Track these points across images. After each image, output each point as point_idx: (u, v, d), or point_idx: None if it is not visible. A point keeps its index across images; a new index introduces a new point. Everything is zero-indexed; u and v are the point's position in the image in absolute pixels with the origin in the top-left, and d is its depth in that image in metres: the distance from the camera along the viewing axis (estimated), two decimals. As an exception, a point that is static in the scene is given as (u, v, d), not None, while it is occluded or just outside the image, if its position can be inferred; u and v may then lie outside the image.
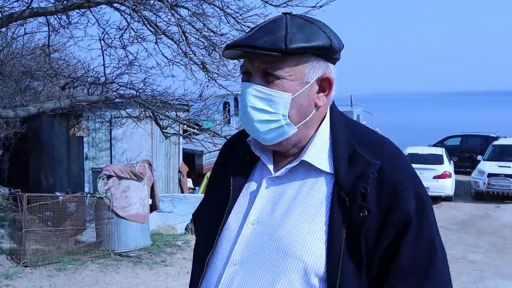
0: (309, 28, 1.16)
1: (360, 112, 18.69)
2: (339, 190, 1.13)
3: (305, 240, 1.14)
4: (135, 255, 7.27)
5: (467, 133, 19.25)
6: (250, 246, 1.19)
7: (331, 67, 1.21)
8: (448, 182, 12.90)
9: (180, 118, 9.95)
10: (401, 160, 1.20)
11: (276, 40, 1.12)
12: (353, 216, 1.11)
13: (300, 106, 1.17)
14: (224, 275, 1.20)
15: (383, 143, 1.22)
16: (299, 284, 1.13)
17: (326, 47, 1.16)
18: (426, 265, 1.11)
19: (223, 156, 1.38)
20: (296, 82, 1.16)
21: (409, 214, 1.11)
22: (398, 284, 1.11)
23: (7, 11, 7.29)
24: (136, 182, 7.43)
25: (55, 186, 11.36)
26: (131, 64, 8.50)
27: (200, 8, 6.91)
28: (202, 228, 1.33)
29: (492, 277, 7.22)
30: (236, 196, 1.25)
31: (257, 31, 1.16)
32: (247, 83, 1.18)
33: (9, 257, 6.91)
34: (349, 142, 1.19)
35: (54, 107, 8.20)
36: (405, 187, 1.13)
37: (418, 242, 1.11)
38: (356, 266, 1.11)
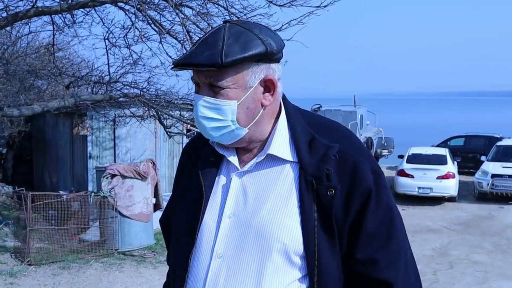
0: (245, 37, 1.23)
1: (364, 112, 18.63)
2: (305, 174, 1.25)
3: (281, 223, 1.24)
4: (138, 254, 7.29)
5: (471, 133, 19.19)
6: (231, 238, 1.27)
7: (274, 67, 1.29)
8: (451, 183, 12.86)
9: (184, 117, 9.96)
10: (355, 141, 1.34)
11: (213, 55, 1.21)
12: (321, 196, 1.24)
13: (247, 109, 1.27)
14: (210, 269, 1.27)
15: (337, 128, 1.35)
16: (283, 265, 1.24)
17: (262, 54, 1.24)
18: (388, 228, 1.28)
19: (187, 157, 1.45)
20: (239, 89, 1.25)
21: (369, 186, 1.26)
22: (367, 248, 1.26)
23: (12, 10, 7.31)
24: (140, 181, 7.45)
25: (59, 185, 11.39)
26: (135, 63, 8.51)
27: (205, 8, 6.92)
28: (178, 230, 1.38)
29: (496, 278, 7.20)
30: (209, 194, 1.32)
31: (198, 46, 1.24)
32: (197, 95, 1.28)
33: (14, 256, 6.94)
34: (306, 130, 1.30)
35: (58, 106, 8.22)
36: (363, 163, 1.27)
37: (379, 209, 1.27)
38: (330, 239, 1.24)
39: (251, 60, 1.24)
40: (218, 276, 1.26)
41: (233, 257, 1.26)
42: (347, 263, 1.28)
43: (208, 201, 1.31)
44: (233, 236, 1.27)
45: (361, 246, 1.26)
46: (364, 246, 1.26)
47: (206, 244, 1.29)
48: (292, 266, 1.25)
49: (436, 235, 9.76)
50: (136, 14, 6.91)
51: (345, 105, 18.61)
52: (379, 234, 1.27)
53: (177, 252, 1.37)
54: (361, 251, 1.26)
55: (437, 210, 12.34)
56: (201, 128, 1.30)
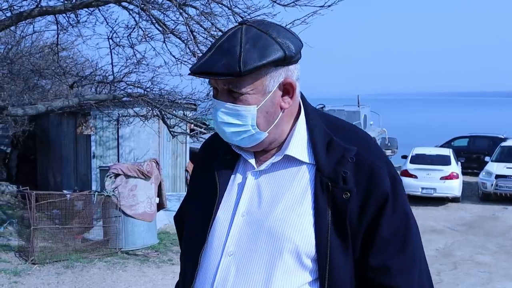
0: (263, 41, 1.21)
1: (367, 112, 18.61)
2: (321, 176, 1.24)
3: (294, 224, 1.23)
4: (142, 253, 7.30)
5: (475, 134, 19.13)
6: (243, 237, 1.26)
7: (293, 68, 1.27)
8: (455, 183, 12.82)
9: (188, 117, 9.97)
10: (372, 144, 1.33)
11: (231, 63, 1.19)
12: (337, 198, 1.23)
13: (267, 113, 1.26)
14: (220, 266, 1.27)
15: (356, 130, 1.36)
16: (293, 266, 1.23)
17: (281, 59, 1.22)
18: (404, 233, 1.25)
19: (204, 156, 1.45)
20: (258, 94, 1.24)
21: (386, 191, 1.24)
22: (381, 254, 1.24)
23: (16, 9, 7.33)
24: (143, 181, 7.45)
25: (62, 184, 11.41)
26: (139, 63, 8.52)
27: (208, 7, 6.92)
28: (191, 226, 1.38)
29: (500, 279, 7.17)
30: (223, 192, 1.32)
31: (214, 53, 1.22)
32: (216, 101, 1.27)
33: (18, 254, 6.96)
34: (325, 132, 1.29)
35: (62, 105, 8.24)
36: (380, 167, 1.26)
37: (395, 215, 1.24)
38: (343, 243, 1.22)
39: (270, 66, 1.22)
40: (228, 274, 1.25)
41: (244, 256, 1.25)
42: (360, 268, 1.25)
43: (222, 199, 1.31)
44: (245, 235, 1.26)
45: (375, 252, 1.24)
46: (378, 252, 1.24)
47: (217, 241, 1.29)
48: (302, 269, 1.24)
49: (439, 236, 9.73)
50: (140, 14, 6.92)
51: (348, 105, 18.58)
52: (394, 240, 1.24)
53: (189, 248, 1.37)
54: (375, 257, 1.24)
55: (441, 210, 12.31)
56: (220, 132, 1.29)
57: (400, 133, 21.71)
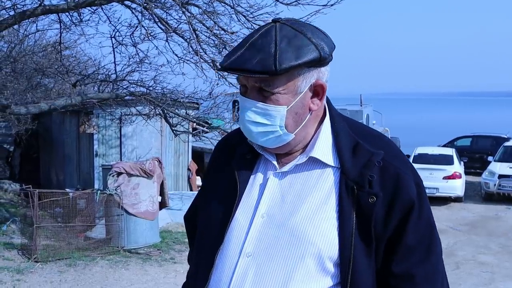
0: (298, 41, 1.18)
1: (370, 112, 18.61)
2: (346, 179, 1.22)
3: (318, 226, 1.21)
4: (144, 252, 7.31)
5: (478, 133, 19.09)
6: (262, 238, 1.23)
7: (324, 70, 1.26)
8: (458, 183, 12.80)
9: (190, 116, 9.97)
10: (398, 151, 1.31)
11: (266, 61, 1.16)
12: (362, 202, 1.20)
13: (296, 114, 1.24)
14: (237, 267, 1.23)
15: (380, 135, 1.33)
16: (315, 270, 1.20)
17: (316, 60, 1.20)
18: (427, 243, 1.24)
19: (219, 155, 1.42)
20: (289, 94, 1.22)
21: (412, 198, 1.21)
22: (403, 262, 1.22)
23: (19, 8, 7.34)
24: (145, 180, 7.46)
25: (65, 183, 11.44)
26: (141, 62, 8.53)
27: (211, 6, 6.92)
28: (207, 226, 1.34)
29: (503, 279, 7.16)
30: (242, 191, 1.29)
31: (247, 49, 1.19)
32: (244, 98, 1.24)
33: (20, 252, 6.98)
34: (350, 136, 1.27)
35: (65, 104, 8.25)
36: (406, 174, 1.23)
37: (420, 223, 1.22)
38: (367, 248, 1.20)
39: (304, 66, 1.20)
40: (246, 275, 1.22)
41: (263, 257, 1.22)
42: (382, 274, 1.23)
43: (242, 199, 1.28)
44: (265, 236, 1.23)
45: (399, 259, 1.22)
46: (402, 259, 1.22)
47: (235, 241, 1.26)
48: (324, 273, 1.21)
49: (442, 236, 9.67)
50: (142, 13, 6.93)
51: (351, 105, 18.58)
52: (419, 248, 1.23)
53: (203, 248, 1.33)
54: (399, 265, 1.22)
55: (443, 210, 12.29)
56: (246, 131, 1.26)
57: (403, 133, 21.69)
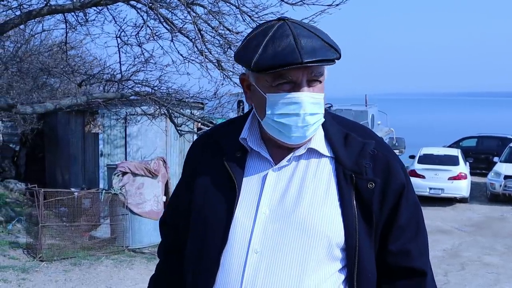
0: (325, 34, 1.28)
1: (375, 112, 18.55)
2: (344, 169, 1.28)
3: (324, 216, 1.26)
4: (149, 251, 7.32)
5: (484, 134, 18.99)
6: (269, 233, 1.25)
7: None
8: (463, 184, 12.74)
9: (195, 116, 9.98)
10: (382, 140, 1.39)
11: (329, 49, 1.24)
12: (362, 189, 1.27)
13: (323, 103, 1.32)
14: (247, 264, 1.24)
15: (364, 127, 1.40)
16: (325, 258, 1.26)
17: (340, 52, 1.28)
18: (417, 221, 1.34)
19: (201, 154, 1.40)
20: (323, 82, 1.30)
21: (402, 182, 1.31)
22: (399, 240, 1.30)
23: (26, 8, 7.38)
24: (150, 179, 7.48)
25: (70, 182, 11.47)
26: (146, 62, 8.54)
27: (216, 6, 6.93)
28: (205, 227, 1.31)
29: (508, 280, 7.12)
30: (240, 190, 1.30)
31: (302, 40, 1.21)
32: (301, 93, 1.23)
33: (26, 252, 7.01)
34: (339, 128, 1.34)
35: (70, 103, 8.28)
36: (394, 160, 1.33)
37: (409, 204, 1.32)
38: (369, 231, 1.28)
39: None
40: (257, 271, 1.23)
41: (273, 252, 1.24)
42: (380, 256, 1.31)
43: (240, 196, 1.29)
44: (271, 231, 1.25)
45: (394, 238, 1.31)
46: (397, 238, 1.31)
47: (240, 240, 1.26)
48: (333, 258, 1.27)
49: (447, 236, 9.68)
50: (148, 13, 6.94)
51: (356, 105, 18.53)
52: (409, 226, 1.32)
53: (203, 251, 1.31)
54: (394, 243, 1.31)
55: (449, 211, 12.24)
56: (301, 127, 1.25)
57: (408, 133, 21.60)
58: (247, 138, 1.34)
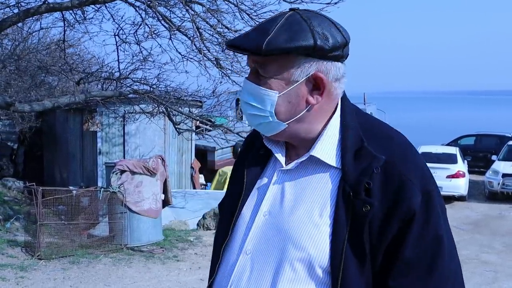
0: (298, 27, 1.16)
1: (373, 110, 18.60)
2: (345, 184, 1.16)
3: (310, 233, 1.17)
4: (147, 249, 7.32)
5: (482, 132, 19.03)
6: (261, 237, 1.23)
7: (328, 65, 1.20)
8: (461, 182, 12.77)
9: (193, 114, 9.98)
10: (409, 154, 1.20)
11: (259, 41, 1.15)
12: (356, 210, 1.13)
13: (289, 103, 1.20)
14: (237, 264, 1.25)
15: (392, 136, 1.23)
16: (304, 275, 1.17)
17: (309, 48, 1.15)
18: (430, 261, 1.13)
19: (244, 150, 1.43)
20: (283, 81, 1.19)
21: (413, 209, 1.12)
22: (402, 278, 1.13)
23: (23, 6, 7.36)
24: (149, 177, 7.47)
25: (68, 180, 11.47)
26: (145, 60, 8.54)
27: (215, 4, 6.92)
28: (221, 219, 1.38)
29: (506, 278, 7.14)
30: (250, 188, 1.29)
31: (253, 30, 1.21)
32: (244, 80, 1.26)
33: (24, 250, 7.00)
34: (357, 136, 1.20)
35: (69, 101, 8.27)
36: (411, 181, 1.14)
37: (423, 238, 1.12)
38: (359, 259, 1.13)
39: (299, 53, 1.17)
40: (243, 272, 1.23)
41: (258, 256, 1.22)
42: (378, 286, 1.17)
43: (249, 195, 1.29)
44: (264, 235, 1.23)
45: (396, 274, 1.13)
46: (400, 274, 1.13)
47: (238, 238, 1.27)
48: (314, 279, 1.17)
49: (445, 234, 9.70)
50: (146, 11, 6.94)
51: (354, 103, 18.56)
52: (419, 264, 1.13)
53: (215, 242, 1.36)
54: (395, 279, 1.14)
55: (447, 209, 12.18)
56: (244, 113, 1.30)
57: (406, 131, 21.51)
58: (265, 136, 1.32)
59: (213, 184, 12.62)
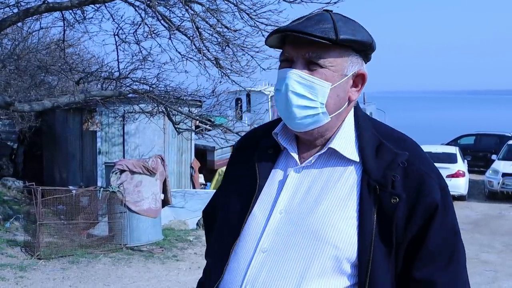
0: (352, 24, 1.23)
1: (373, 110, 18.61)
2: (369, 179, 1.19)
3: (337, 226, 1.18)
4: (147, 249, 7.32)
5: (482, 132, 19.03)
6: (279, 235, 1.22)
7: (364, 65, 1.28)
8: (461, 181, 12.76)
9: (193, 113, 9.98)
10: (423, 154, 1.27)
11: (326, 30, 1.18)
12: (384, 203, 1.17)
13: (337, 97, 1.23)
14: (252, 262, 1.22)
15: (405, 138, 1.29)
16: (331, 270, 1.18)
17: (368, 43, 1.23)
18: (451, 250, 1.20)
19: (242, 148, 1.40)
20: (336, 73, 1.22)
21: (436, 202, 1.18)
22: (424, 267, 1.18)
23: (23, 6, 7.36)
24: (148, 177, 7.47)
25: (68, 180, 11.47)
26: (144, 60, 8.54)
27: (214, 4, 6.92)
28: (225, 219, 1.33)
29: (506, 277, 7.13)
30: (262, 186, 1.27)
31: (306, 20, 1.21)
32: (289, 69, 1.22)
33: (23, 249, 7.00)
34: (374, 135, 1.25)
35: (68, 101, 8.27)
36: (431, 177, 1.20)
37: (443, 228, 1.19)
38: (387, 250, 1.17)
39: (355, 48, 1.22)
40: (260, 270, 1.21)
41: (279, 254, 1.20)
42: (402, 281, 1.20)
43: (260, 194, 1.27)
44: (282, 232, 1.21)
45: (420, 264, 1.18)
46: (423, 264, 1.18)
47: (251, 237, 1.24)
48: (341, 273, 1.18)
49: (445, 234, 9.70)
50: (145, 10, 6.94)
51: (354, 103, 18.58)
52: (441, 254, 1.19)
53: (220, 241, 1.31)
54: (419, 270, 1.18)
55: (447, 208, 12.26)
56: (285, 105, 1.22)
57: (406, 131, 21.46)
58: (279, 133, 1.31)
59: (212, 183, 12.62)
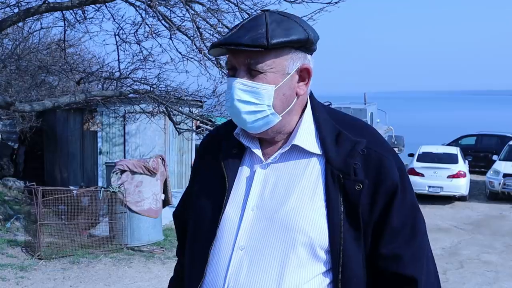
0: (287, 23, 1.25)
1: (374, 110, 18.58)
2: (332, 168, 1.25)
3: (308, 217, 1.24)
4: (147, 249, 7.32)
5: (483, 132, 18.99)
6: (254, 231, 1.26)
7: (309, 58, 1.30)
8: (462, 182, 12.73)
9: (194, 114, 9.97)
10: (381, 138, 1.35)
11: (258, 37, 1.21)
12: (349, 190, 1.24)
13: (283, 95, 1.27)
14: (231, 260, 1.26)
15: (363, 125, 1.36)
16: (307, 258, 1.24)
17: (303, 40, 1.25)
18: (413, 224, 1.28)
19: (205, 151, 1.44)
20: (278, 74, 1.25)
21: (395, 183, 1.26)
22: (390, 244, 1.26)
23: (24, 5, 7.36)
24: (149, 177, 7.46)
25: (69, 180, 11.47)
26: (145, 60, 8.54)
27: (215, 4, 6.92)
28: (198, 222, 1.36)
29: (507, 278, 7.12)
30: (231, 186, 1.31)
31: (239, 29, 1.25)
32: (233, 78, 1.26)
33: (24, 250, 7.00)
34: (332, 125, 1.31)
35: (69, 101, 8.27)
36: (389, 160, 1.28)
37: (404, 206, 1.27)
38: (355, 234, 1.24)
39: (292, 46, 1.25)
40: (240, 267, 1.25)
41: (256, 249, 1.25)
42: (371, 259, 1.27)
43: (231, 193, 1.30)
44: (257, 229, 1.26)
45: (386, 241, 1.26)
46: (389, 241, 1.26)
47: (227, 236, 1.28)
48: (316, 260, 1.25)
49: (446, 235, 9.68)
50: (146, 10, 6.93)
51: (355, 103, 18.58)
52: (403, 230, 1.27)
53: (196, 243, 1.34)
54: (386, 246, 1.26)
55: (448, 209, 12.24)
56: (234, 112, 1.27)
57: (407, 131, 21.61)
58: (240, 133, 1.34)
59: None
